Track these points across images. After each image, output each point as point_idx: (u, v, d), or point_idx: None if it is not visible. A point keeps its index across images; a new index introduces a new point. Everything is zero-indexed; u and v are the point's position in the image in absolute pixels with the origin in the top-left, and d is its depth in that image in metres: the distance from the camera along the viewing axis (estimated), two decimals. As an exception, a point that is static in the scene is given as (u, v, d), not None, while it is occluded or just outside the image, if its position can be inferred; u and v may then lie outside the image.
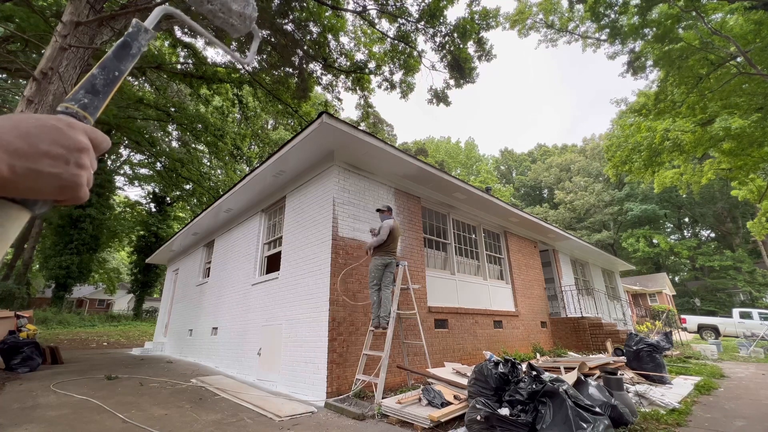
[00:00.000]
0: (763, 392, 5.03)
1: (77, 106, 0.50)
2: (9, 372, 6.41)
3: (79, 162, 0.43)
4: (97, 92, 0.52)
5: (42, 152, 0.40)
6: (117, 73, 0.55)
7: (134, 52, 0.58)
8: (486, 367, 3.46)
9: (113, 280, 31.20)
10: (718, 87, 10.99)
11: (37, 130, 0.40)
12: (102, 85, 0.53)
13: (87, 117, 0.50)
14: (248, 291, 7.18)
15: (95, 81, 0.53)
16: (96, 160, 0.47)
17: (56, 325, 18.26)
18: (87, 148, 0.44)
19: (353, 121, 16.25)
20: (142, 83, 15.76)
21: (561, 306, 11.24)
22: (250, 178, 6.55)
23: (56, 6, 9.08)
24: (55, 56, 4.75)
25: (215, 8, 0.74)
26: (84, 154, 0.43)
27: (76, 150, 0.42)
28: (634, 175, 15.28)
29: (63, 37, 4.87)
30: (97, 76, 0.53)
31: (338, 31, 11.24)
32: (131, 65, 0.58)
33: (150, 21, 0.62)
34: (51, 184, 0.41)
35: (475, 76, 11.61)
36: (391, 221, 5.10)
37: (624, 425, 3.36)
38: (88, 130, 0.45)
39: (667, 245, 37.14)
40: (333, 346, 4.76)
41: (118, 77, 0.56)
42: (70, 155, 0.42)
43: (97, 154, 0.47)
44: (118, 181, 26.35)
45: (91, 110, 0.51)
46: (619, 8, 11.28)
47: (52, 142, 0.41)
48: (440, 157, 45.34)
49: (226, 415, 4.01)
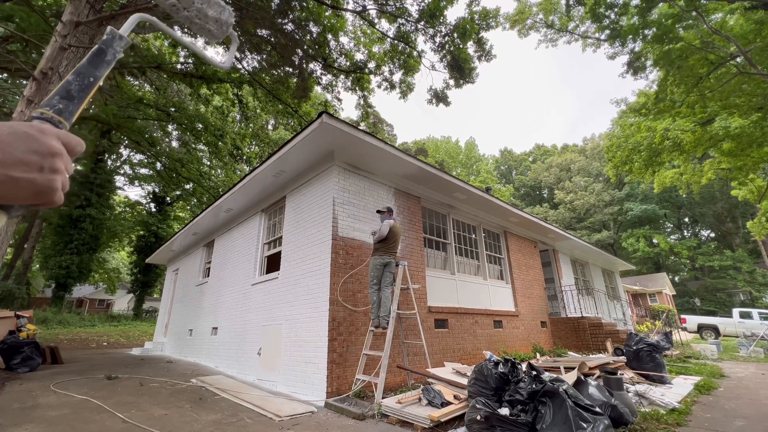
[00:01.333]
0: (763, 392, 5.03)
1: (52, 112, 0.51)
2: (9, 372, 6.41)
3: (53, 167, 0.44)
4: (72, 98, 0.53)
5: (16, 160, 0.40)
6: (92, 79, 0.57)
7: (109, 59, 0.60)
8: (486, 367, 3.46)
9: (113, 280, 31.23)
10: (718, 87, 10.99)
11: (9, 138, 0.41)
12: (77, 90, 0.54)
13: (62, 122, 0.51)
14: (248, 291, 7.18)
15: (70, 87, 0.54)
16: (71, 164, 0.48)
17: (56, 325, 18.25)
18: (60, 153, 0.45)
19: (353, 121, 16.26)
20: (142, 83, 15.76)
21: (561, 306, 11.24)
22: (250, 178, 6.55)
23: (56, 6, 9.08)
24: (55, 56, 4.75)
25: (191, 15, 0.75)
26: (57, 159, 0.44)
27: (49, 155, 0.43)
28: (635, 175, 15.27)
29: (63, 37, 4.87)
30: (72, 83, 0.55)
31: (338, 31, 11.24)
32: (106, 71, 0.60)
33: (125, 29, 0.64)
34: (26, 189, 0.42)
35: (474, 76, 11.62)
36: (391, 221, 5.12)
37: (624, 425, 3.36)
38: (62, 135, 0.46)
39: (667, 245, 37.14)
40: (333, 345, 4.76)
41: (93, 83, 0.57)
42: (44, 161, 0.43)
43: (72, 157, 0.47)
44: (118, 181, 26.37)
45: (66, 115, 0.52)
46: (619, 9, 11.28)
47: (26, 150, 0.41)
48: (440, 157, 45.33)
49: (226, 415, 4.01)
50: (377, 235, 5.05)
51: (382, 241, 5.04)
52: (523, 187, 53.70)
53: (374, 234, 5.18)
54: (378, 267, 4.96)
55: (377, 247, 5.08)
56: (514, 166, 58.59)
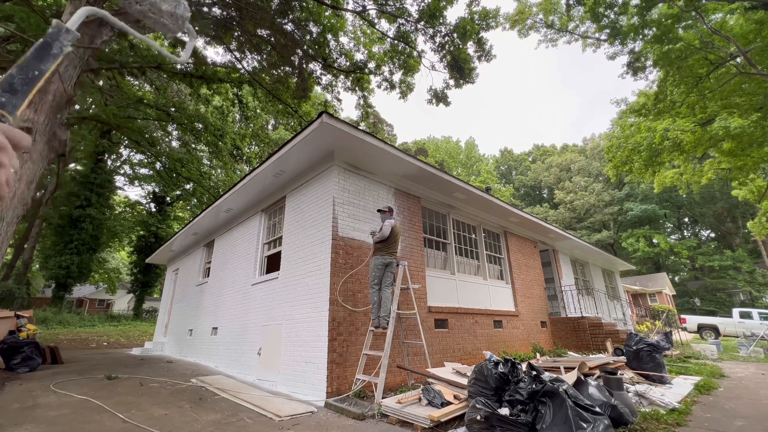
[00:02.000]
0: (763, 392, 5.03)
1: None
2: (9, 372, 6.41)
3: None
4: (15, 91, 0.53)
5: None
6: (37, 72, 0.56)
7: (55, 52, 0.59)
8: (486, 367, 3.46)
9: (113, 280, 31.23)
10: (718, 87, 10.99)
11: None
12: (20, 84, 0.54)
13: (5, 116, 0.51)
14: (248, 291, 7.18)
15: (13, 80, 0.54)
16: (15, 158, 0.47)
17: (56, 325, 18.26)
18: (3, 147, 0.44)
19: (353, 121, 16.26)
20: (142, 83, 15.76)
21: (561, 306, 11.24)
22: (250, 178, 6.55)
23: (56, 6, 9.07)
24: (55, 56, 4.75)
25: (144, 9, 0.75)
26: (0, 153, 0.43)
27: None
28: (635, 175, 15.27)
29: (63, 37, 4.87)
30: (15, 76, 0.54)
31: (338, 31, 11.24)
32: (53, 65, 0.59)
33: (72, 22, 0.63)
34: None
35: (474, 76, 11.61)
36: (392, 221, 5.12)
37: (624, 425, 3.36)
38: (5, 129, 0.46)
39: (667, 245, 37.14)
40: (333, 345, 4.76)
41: (39, 76, 0.57)
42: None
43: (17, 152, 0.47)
44: (118, 181, 26.39)
45: (10, 108, 0.52)
46: (618, 9, 11.28)
47: None
48: (440, 157, 45.33)
49: (226, 415, 4.01)
50: (379, 235, 5.04)
51: (383, 241, 5.04)
52: (523, 187, 53.71)
53: (373, 234, 5.17)
54: (380, 267, 4.96)
55: (378, 247, 5.07)
56: (514, 166, 58.58)
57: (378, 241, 5.08)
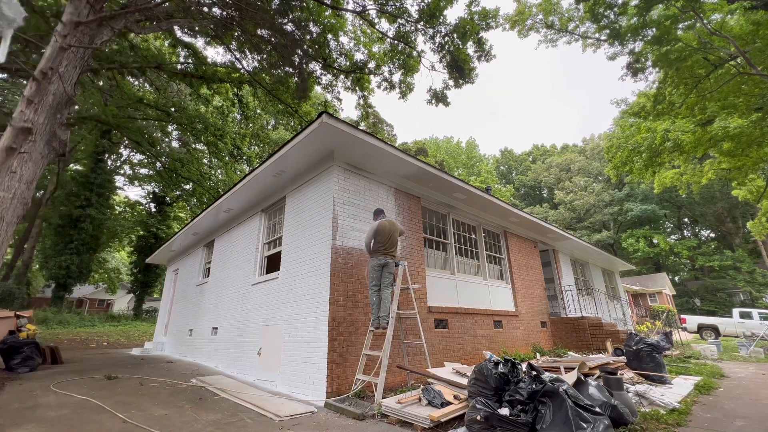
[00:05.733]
0: (763, 392, 5.03)
1: None
2: (9, 372, 6.40)
3: None
4: None
5: None
6: None
7: None
8: (486, 367, 3.46)
9: (113, 280, 31.23)
10: (718, 87, 10.99)
11: None
12: None
13: None
14: (248, 291, 7.18)
15: None
16: None
17: (56, 325, 18.25)
18: None
19: (353, 121, 16.27)
20: (142, 83, 15.76)
21: (561, 306, 11.24)
22: (250, 178, 6.55)
23: (56, 6, 9.07)
24: (55, 56, 4.75)
25: None
26: None
27: None
28: (635, 176, 15.28)
29: (63, 37, 4.87)
30: None
31: (338, 31, 11.25)
32: None
33: None
34: None
35: (474, 76, 11.62)
36: (375, 223, 5.14)
37: (624, 425, 3.36)
38: None
39: (667, 245, 37.15)
40: (333, 346, 4.76)
41: None
42: None
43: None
44: (118, 181, 26.39)
45: None
46: (618, 9, 11.27)
47: None
48: (441, 157, 45.32)
49: (226, 415, 4.01)
50: (365, 245, 5.18)
51: (374, 243, 5.05)
52: (523, 187, 53.73)
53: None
54: (375, 269, 4.97)
55: (372, 249, 5.09)
56: (514, 166, 58.60)
57: (366, 247, 5.15)
